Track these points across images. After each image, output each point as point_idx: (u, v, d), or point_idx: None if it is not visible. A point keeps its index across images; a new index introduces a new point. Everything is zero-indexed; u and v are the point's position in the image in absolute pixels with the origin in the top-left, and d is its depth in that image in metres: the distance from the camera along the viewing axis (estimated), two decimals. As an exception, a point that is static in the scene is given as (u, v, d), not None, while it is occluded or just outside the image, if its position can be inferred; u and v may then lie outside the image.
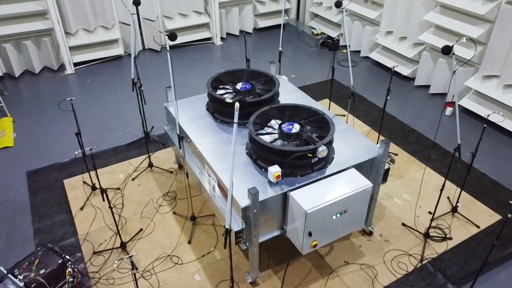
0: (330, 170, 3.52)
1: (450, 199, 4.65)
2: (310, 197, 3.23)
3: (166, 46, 3.46)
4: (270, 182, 3.36)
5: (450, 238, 4.16)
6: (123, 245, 4.00)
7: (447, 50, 3.10)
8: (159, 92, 6.76)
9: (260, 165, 3.53)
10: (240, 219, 3.25)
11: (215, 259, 3.96)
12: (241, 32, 9.08)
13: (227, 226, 2.76)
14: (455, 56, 3.32)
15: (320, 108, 4.29)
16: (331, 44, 8.32)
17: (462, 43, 6.01)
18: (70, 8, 7.03)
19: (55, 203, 4.61)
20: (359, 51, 8.08)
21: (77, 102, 6.56)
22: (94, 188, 4.72)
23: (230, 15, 8.70)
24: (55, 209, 4.53)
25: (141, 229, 4.27)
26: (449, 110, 6.24)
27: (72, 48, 7.36)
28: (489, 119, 3.78)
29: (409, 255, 4.00)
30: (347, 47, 5.01)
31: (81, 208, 4.52)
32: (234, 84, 4.35)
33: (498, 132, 5.82)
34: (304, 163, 3.42)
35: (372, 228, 4.20)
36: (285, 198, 3.35)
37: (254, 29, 9.30)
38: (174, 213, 4.46)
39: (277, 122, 3.76)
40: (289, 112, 3.85)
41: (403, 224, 4.34)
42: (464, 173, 4.97)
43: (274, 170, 3.26)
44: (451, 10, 6.14)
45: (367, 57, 7.89)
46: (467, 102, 6.14)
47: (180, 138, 3.76)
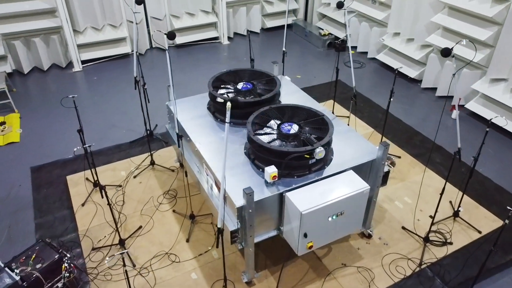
0: (328, 172, 3.50)
1: (452, 204, 4.59)
2: (306, 198, 3.22)
3: (163, 46, 3.47)
4: (267, 183, 3.35)
5: (451, 243, 4.11)
6: (122, 242, 4.03)
7: (447, 53, 3.06)
8: (164, 91, 6.79)
9: (258, 165, 3.53)
10: (236, 219, 3.26)
11: (213, 258, 3.97)
12: (250, 32, 9.09)
13: (219, 226, 2.76)
14: (456, 59, 3.27)
15: (321, 109, 4.27)
16: (338, 45, 8.27)
17: (468, 45, 5.93)
18: (79, 6, 7.11)
19: (57, 199, 4.67)
20: (366, 52, 8.02)
21: (83, 99, 6.63)
22: (96, 185, 4.77)
23: (238, 15, 8.70)
24: (57, 205, 4.59)
25: (141, 227, 4.29)
26: (455, 113, 6.15)
27: (80, 46, 7.44)
28: (493, 123, 3.72)
29: (408, 259, 3.96)
30: (349, 48, 4.97)
31: (83, 204, 4.56)
32: (236, 84, 4.35)
33: (505, 136, 5.73)
34: (302, 164, 3.40)
35: (371, 231, 4.17)
36: (282, 199, 3.34)
37: (262, 29, 9.30)
38: (174, 211, 4.48)
39: (276, 123, 3.76)
40: (289, 113, 3.84)
41: (403, 228, 4.30)
42: (469, 178, 4.92)
43: (271, 171, 3.26)
44: (459, 12, 6.06)
45: (374, 59, 7.83)
46: (474, 106, 6.05)
47: (179, 137, 3.78)
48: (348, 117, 6.10)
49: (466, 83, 6.13)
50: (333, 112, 6.02)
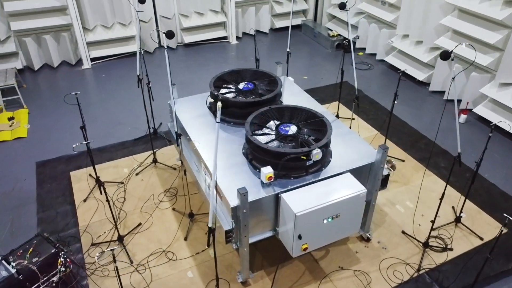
0: (325, 174, 3.48)
1: (455, 209, 4.52)
2: (301, 200, 3.20)
3: (164, 45, 3.48)
4: (263, 183, 3.35)
5: (451, 249, 4.05)
6: (121, 238, 4.07)
7: (446, 56, 3.01)
8: (168, 90, 6.82)
9: (255, 166, 3.52)
10: (230, 219, 3.26)
11: (209, 257, 3.98)
12: (258, 32, 9.10)
13: (210, 225, 2.76)
14: (457, 61, 3.22)
15: (322, 111, 4.25)
16: (346, 46, 8.19)
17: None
18: (89, 5, 7.20)
19: (60, 194, 4.73)
20: (375, 54, 7.95)
21: (91, 96, 6.71)
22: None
23: (247, 15, 8.71)
24: (60, 200, 4.65)
25: (140, 224, 4.33)
26: (463, 118, 6.06)
27: (90, 44, 7.54)
28: (500, 127, 3.65)
29: (406, 264, 3.91)
30: (351, 49, 4.93)
31: (84, 200, 4.62)
32: (237, 84, 4.35)
33: (513, 142, 5.63)
34: (298, 165, 3.39)
35: (370, 234, 4.13)
36: (277, 200, 3.33)
37: (271, 29, 9.28)
38: (174, 210, 4.51)
39: (275, 123, 3.75)
40: (288, 114, 3.83)
41: (403, 232, 4.24)
42: (471, 183, 4.84)
43: (266, 171, 3.25)
44: (469, 15, 5.96)
45: (383, 61, 7.75)
46: (482, 110, 5.95)
47: (178, 136, 3.79)
48: (353, 119, 6.05)
49: (475, 87, 6.03)
50: (338, 114, 5.99)
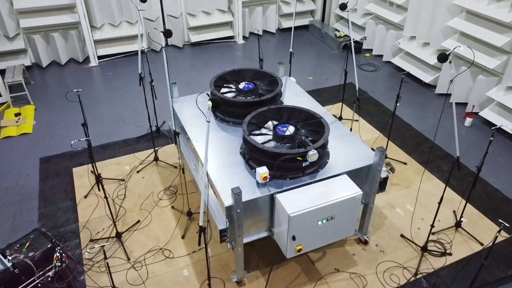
0: (322, 175, 3.47)
1: (456, 213, 4.46)
2: (296, 201, 3.19)
3: (160, 44, 3.49)
4: (258, 183, 3.34)
5: (450, 254, 3.99)
6: (119, 235, 4.10)
7: (443, 58, 2.97)
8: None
9: (252, 166, 3.52)
10: (225, 218, 3.26)
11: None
12: (265, 32, 9.10)
13: (201, 224, 2.77)
14: (454, 63, 3.17)
15: (322, 112, 4.23)
16: (354, 47, 8.15)
17: (488, 52, 5.75)
18: (97, 3, 7.27)
19: (62, 190, 4.79)
20: (382, 56, 7.88)
21: (97, 94, 6.78)
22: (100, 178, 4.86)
23: (254, 15, 8.71)
24: (61, 196, 4.71)
25: (139, 221, 4.36)
26: (469, 121, 5.97)
27: (97, 42, 7.61)
28: (500, 132, 3.59)
29: (404, 268, 3.87)
30: (352, 50, 4.90)
31: (85, 197, 4.67)
32: (238, 84, 4.36)
33: (519, 147, 5.54)
34: (294, 166, 3.38)
35: (368, 237, 4.10)
36: (273, 200, 3.33)
37: (278, 29, 9.27)
38: (173, 208, 4.53)
39: (274, 123, 3.74)
40: (287, 114, 3.82)
41: (402, 236, 4.20)
42: (472, 188, 4.77)
43: (262, 171, 3.25)
44: (477, 17, 5.88)
45: (389, 62, 7.68)
46: (489, 114, 5.86)
47: (176, 134, 3.81)
48: (356, 121, 6.01)
49: (481, 90, 5.95)
50: (341, 115, 5.95)
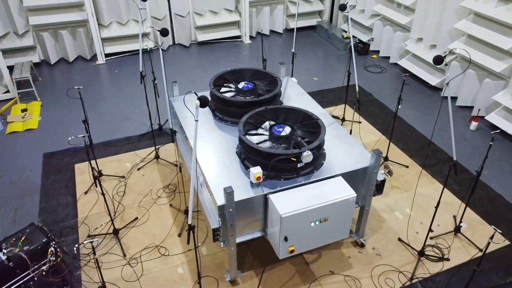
0: (317, 176, 3.45)
1: (456, 218, 4.40)
2: (289, 202, 3.18)
3: (157, 43, 3.52)
4: (252, 183, 3.34)
5: (447, 259, 3.94)
6: (116, 232, 4.14)
7: (439, 60, 2.93)
8: (179, 86, 6.89)
9: (247, 166, 3.52)
10: (218, 217, 3.27)
11: (201, 254, 4.00)
12: (273, 32, 9.09)
13: (189, 222, 2.78)
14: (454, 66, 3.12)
15: (320, 113, 4.22)
16: (361, 48, 8.11)
17: (496, 54, 5.66)
18: (105, 1, 7.35)
19: (64, 186, 4.85)
20: (389, 57, 7.81)
21: (102, 91, 6.85)
22: (100, 174, 4.92)
23: (261, 14, 8.71)
24: (62, 191, 4.77)
25: (136, 218, 4.39)
26: (474, 125, 5.88)
27: (105, 40, 7.69)
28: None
29: (400, 272, 3.83)
30: (351, 50, 4.86)
31: (85, 193, 4.72)
32: (237, 83, 4.36)
33: (525, 152, 5.44)
34: (289, 167, 3.37)
35: (365, 240, 4.06)
36: (266, 201, 3.32)
37: (285, 29, 9.25)
38: (171, 206, 4.55)
39: (270, 124, 3.74)
40: (284, 114, 3.81)
41: (399, 239, 4.16)
42: (475, 193, 4.70)
43: (255, 171, 3.25)
44: (484, 19, 5.79)
45: (396, 64, 7.61)
46: (495, 118, 5.76)
47: (173, 132, 3.83)
48: (360, 122, 5.97)
49: (488, 94, 5.85)
50: (344, 117, 5.91)
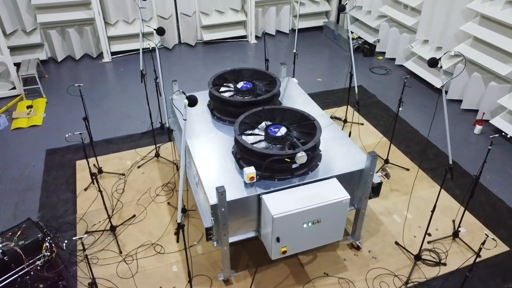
0: (311, 178, 3.43)
1: (455, 223, 4.34)
2: (281, 203, 3.17)
3: (153, 42, 3.52)
4: (245, 183, 3.34)
5: (444, 264, 3.89)
6: (113, 228, 4.18)
7: (434, 63, 2.90)
8: (181, 86, 6.92)
9: (242, 166, 3.52)
10: (210, 216, 3.28)
11: (196, 253, 4.01)
12: (279, 32, 9.08)
13: (179, 221, 2.79)
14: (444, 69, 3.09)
15: (318, 114, 4.20)
16: (367, 50, 8.05)
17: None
18: (111, 0, 7.40)
19: (65, 182, 4.91)
20: (394, 59, 7.74)
21: (107, 89, 6.91)
22: (100, 172, 4.96)
23: (267, 15, 8.70)
24: (63, 188, 4.82)
25: (134, 215, 4.42)
26: (478, 129, 5.80)
27: (111, 38, 7.76)
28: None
29: (395, 276, 3.79)
30: (351, 51, 4.83)
31: (85, 189, 4.77)
32: (237, 83, 4.36)
33: (530, 157, 5.34)
34: (283, 168, 3.36)
35: (361, 243, 4.03)
36: (260, 201, 3.32)
37: (292, 30, 9.23)
38: (169, 204, 4.57)
39: (267, 124, 3.73)
40: (281, 115, 3.80)
41: (396, 243, 4.12)
42: (476, 198, 4.64)
43: (249, 171, 3.25)
44: (491, 22, 5.71)
45: (402, 66, 7.54)
46: (500, 122, 5.67)
47: (170, 131, 3.84)
48: (362, 124, 5.93)
49: (493, 97, 5.77)
50: (346, 118, 5.88)
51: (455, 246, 4.09)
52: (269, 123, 3.74)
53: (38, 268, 3.31)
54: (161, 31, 3.28)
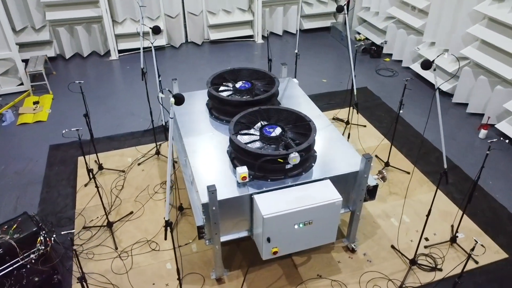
0: (305, 179, 3.42)
1: (453, 228, 4.28)
2: (272, 203, 3.17)
3: (149, 41, 3.53)
4: (238, 183, 3.35)
5: (440, 269, 3.84)
6: (110, 224, 4.22)
7: (427, 65, 2.85)
8: (184, 84, 6.96)
9: (236, 165, 3.52)
10: (202, 215, 3.29)
11: (191, 251, 4.03)
12: (286, 33, 9.07)
13: (167, 218, 2.81)
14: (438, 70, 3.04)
15: (317, 115, 4.18)
16: (373, 51, 7.99)
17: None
18: (119, -2, 7.49)
19: (66, 177, 4.98)
20: (401, 61, 7.66)
21: (113, 87, 6.98)
22: (100, 168, 5.02)
23: (275, 15, 8.69)
24: (64, 183, 4.89)
25: (131, 212, 4.46)
26: (483, 133, 5.71)
27: (118, 36, 7.83)
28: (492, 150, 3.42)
29: (389, 280, 3.76)
30: (350, 53, 4.79)
31: (85, 185, 4.83)
32: (235, 82, 4.37)
33: (535, 163, 5.24)
34: (276, 168, 3.35)
35: (356, 245, 4.00)
36: (252, 201, 3.32)
37: (300, 30, 9.20)
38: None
39: (263, 124, 3.73)
40: (277, 115, 3.80)
41: (392, 247, 4.08)
42: (477, 203, 4.57)
43: (241, 171, 3.25)
44: (499, 24, 5.61)
45: (408, 68, 7.46)
46: (505, 126, 5.57)
47: (166, 129, 3.86)
48: (365, 126, 5.89)
49: (499, 101, 5.66)
50: (348, 120, 5.84)
51: (452, 252, 4.03)
52: (265, 123, 3.74)
53: (33, 262, 3.36)
54: (157, 30, 3.31)
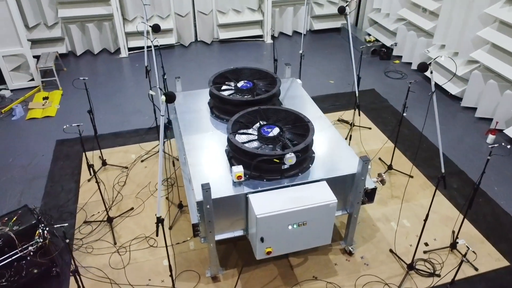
0: (301, 179, 3.41)
1: (454, 234, 4.21)
2: (266, 203, 3.17)
3: (150, 39, 3.57)
4: (234, 182, 3.35)
5: (438, 275, 3.79)
6: (110, 220, 4.27)
7: (423, 68, 2.82)
8: (191, 83, 7.00)
9: (232, 164, 3.53)
10: (197, 213, 3.30)
11: (188, 249, 4.05)
12: (296, 33, 9.04)
13: (158, 215, 2.83)
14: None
15: (317, 116, 4.16)
16: (383, 53, 7.91)
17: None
18: (130, -3, 7.57)
19: (70, 172, 5.06)
20: (411, 63, 7.57)
21: (120, 84, 7.07)
22: (105, 164, 5.09)
23: (285, 15, 8.67)
24: (68, 178, 4.97)
25: (132, 208, 4.51)
26: (491, 138, 5.60)
27: (128, 34, 7.92)
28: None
29: (385, 284, 3.72)
30: (351, 50, 4.74)
31: (88, 180, 4.90)
32: (237, 82, 4.38)
33: (543, 170, 5.12)
34: (272, 168, 3.35)
35: (353, 248, 3.97)
36: (247, 200, 3.32)
37: (309, 31, 9.17)
38: (167, 199, 4.64)
39: (261, 124, 3.73)
40: (276, 115, 3.79)
41: (391, 251, 4.04)
42: (480, 210, 4.49)
43: (236, 170, 3.26)
44: (511, 28, 5.50)
45: (418, 71, 7.34)
46: (514, 132, 5.47)
47: (166, 127, 3.90)
48: (370, 128, 5.84)
49: (509, 106, 5.56)
50: (353, 122, 5.79)
51: (452, 258, 3.97)
52: (264, 123, 3.73)
53: (31, 254, 3.42)
54: (157, 28, 3.34)
